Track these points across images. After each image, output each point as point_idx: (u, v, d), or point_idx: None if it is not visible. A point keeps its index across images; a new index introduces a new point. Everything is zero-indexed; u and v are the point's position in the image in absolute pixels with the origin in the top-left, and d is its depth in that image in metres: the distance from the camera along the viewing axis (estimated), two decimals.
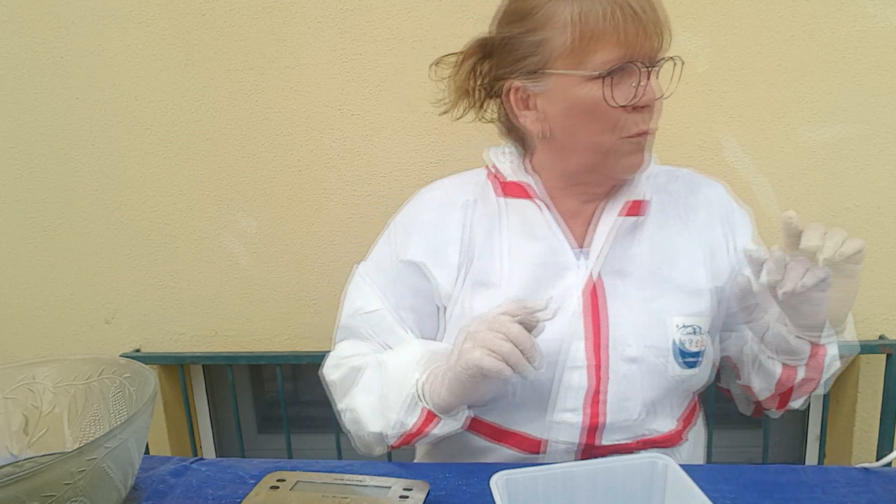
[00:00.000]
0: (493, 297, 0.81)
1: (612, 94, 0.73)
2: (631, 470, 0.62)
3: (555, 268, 0.82)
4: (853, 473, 0.72)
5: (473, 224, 0.85)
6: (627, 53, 0.72)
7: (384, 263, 0.90)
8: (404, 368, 0.80)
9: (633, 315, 0.81)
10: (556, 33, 0.73)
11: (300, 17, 1.48)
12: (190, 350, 1.70)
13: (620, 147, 0.77)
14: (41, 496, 0.55)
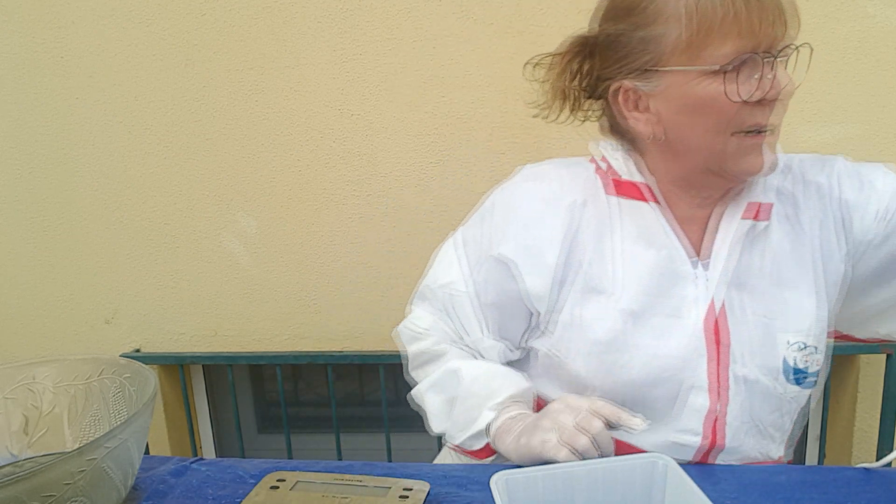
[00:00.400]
0: (605, 305, 0.76)
1: (734, 88, 0.67)
2: (631, 470, 0.61)
3: (672, 277, 0.76)
4: (853, 473, 0.72)
5: (581, 226, 0.78)
6: (749, 44, 0.66)
7: (474, 243, 0.84)
8: (480, 399, 0.78)
9: (750, 332, 0.76)
10: (669, 27, 0.68)
11: (300, 17, 1.48)
12: (190, 350, 1.70)
13: (741, 146, 0.71)
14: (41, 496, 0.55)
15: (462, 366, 0.82)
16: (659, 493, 0.61)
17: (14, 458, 0.75)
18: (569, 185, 0.80)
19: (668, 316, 0.76)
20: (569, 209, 0.78)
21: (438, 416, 0.84)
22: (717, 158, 0.72)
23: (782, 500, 0.67)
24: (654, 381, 0.75)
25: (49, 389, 0.77)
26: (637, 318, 0.75)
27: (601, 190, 0.80)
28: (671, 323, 0.75)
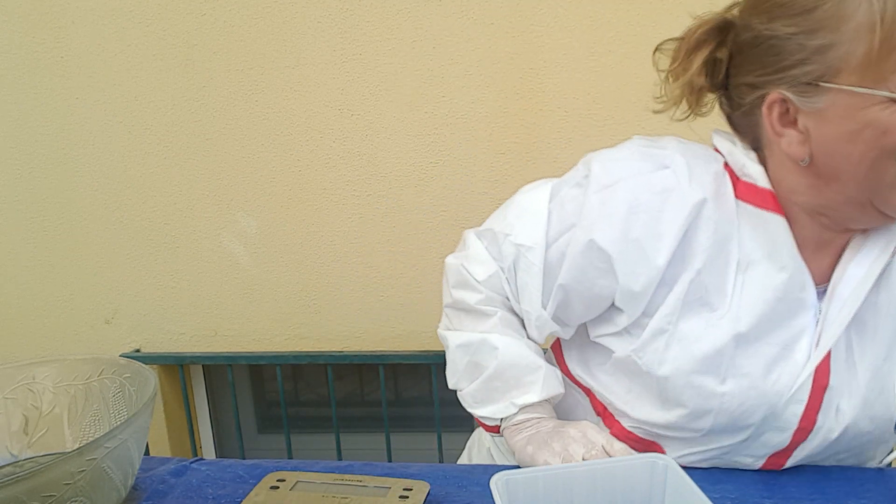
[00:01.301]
0: (713, 327, 0.67)
1: None
2: (631, 470, 0.61)
3: (792, 305, 0.66)
4: (853, 473, 0.72)
5: (701, 227, 0.67)
6: None
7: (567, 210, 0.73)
8: (508, 387, 0.78)
9: (860, 377, 0.67)
10: (848, 38, 0.56)
11: (300, 17, 1.48)
12: (190, 350, 1.70)
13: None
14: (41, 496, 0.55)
15: (503, 344, 0.77)
16: (659, 493, 0.61)
17: (14, 458, 0.75)
18: (698, 180, 0.67)
19: (780, 347, 0.67)
20: (696, 207, 0.66)
21: (459, 374, 0.82)
22: (877, 196, 0.61)
23: (782, 500, 0.67)
24: (745, 413, 0.67)
25: (49, 389, 0.77)
26: (748, 344, 0.67)
27: (729, 189, 0.68)
28: (781, 355, 0.67)
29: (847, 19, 0.56)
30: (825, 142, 0.61)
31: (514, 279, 0.77)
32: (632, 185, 0.68)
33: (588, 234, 0.69)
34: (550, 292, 0.74)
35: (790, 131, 0.63)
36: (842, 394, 0.67)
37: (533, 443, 0.72)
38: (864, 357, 0.67)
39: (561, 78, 1.43)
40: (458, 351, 0.82)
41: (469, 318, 0.82)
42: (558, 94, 1.44)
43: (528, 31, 1.42)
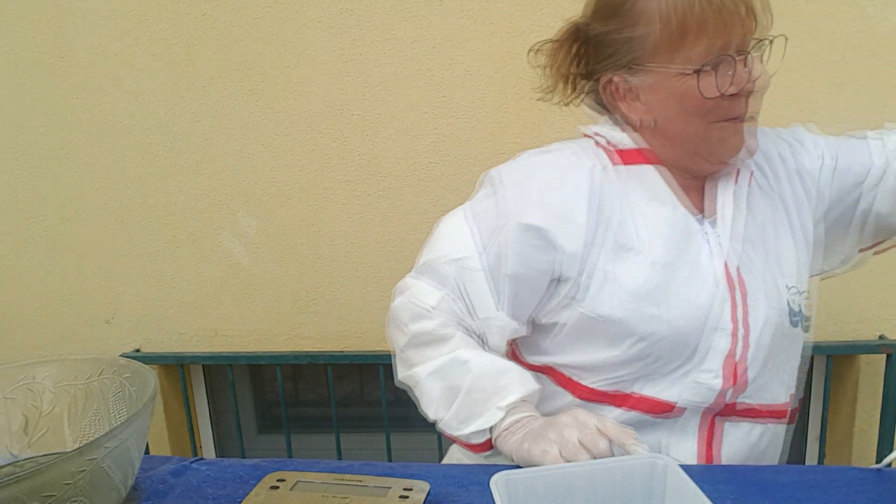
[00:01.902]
0: (637, 264, 0.80)
1: (706, 85, 0.74)
2: (631, 470, 0.61)
3: (686, 232, 0.82)
4: (853, 473, 0.72)
5: (603, 187, 0.82)
6: (720, 43, 0.73)
7: (487, 216, 0.84)
8: (488, 395, 0.78)
9: (759, 279, 0.82)
10: (648, 29, 0.75)
11: (300, 17, 1.48)
12: (190, 350, 1.70)
13: (720, 133, 0.78)
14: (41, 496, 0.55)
15: (471, 357, 0.80)
16: (659, 493, 0.61)
17: (14, 458, 0.75)
18: (580, 155, 0.85)
19: (691, 266, 0.81)
20: (589, 172, 0.82)
21: (436, 403, 0.81)
22: (700, 144, 0.80)
23: (782, 500, 0.67)
24: (689, 326, 0.79)
25: (49, 389, 0.77)
26: (669, 269, 0.80)
27: (607, 160, 0.84)
28: (695, 272, 0.81)
29: (642, 16, 0.75)
30: (657, 108, 0.80)
31: (464, 294, 0.84)
32: (538, 172, 0.84)
33: (517, 220, 0.81)
34: (502, 290, 0.83)
35: (633, 103, 0.81)
36: (756, 294, 0.81)
37: (528, 439, 0.73)
38: (758, 263, 0.83)
39: None
40: (429, 380, 0.82)
41: (430, 348, 0.83)
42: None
43: (528, 31, 1.42)
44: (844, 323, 1.46)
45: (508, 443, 0.76)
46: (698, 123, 0.78)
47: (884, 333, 1.45)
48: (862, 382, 1.50)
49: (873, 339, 1.45)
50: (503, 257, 0.82)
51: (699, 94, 0.75)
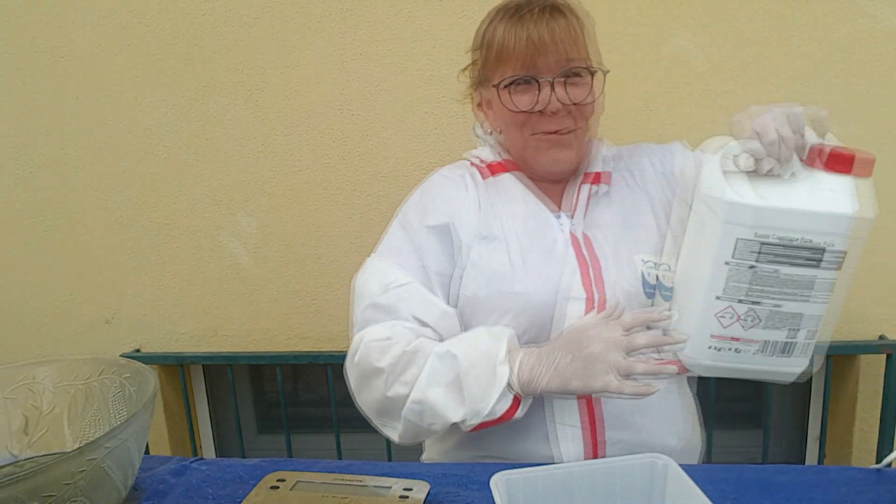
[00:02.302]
0: (496, 250, 0.94)
1: (512, 101, 0.91)
2: (631, 470, 0.62)
3: (542, 224, 0.96)
4: (853, 473, 0.72)
5: (479, 195, 0.99)
6: (521, 69, 0.90)
7: (399, 245, 0.97)
8: (486, 360, 0.82)
9: (611, 254, 0.94)
10: (485, 52, 0.95)
11: (300, 17, 1.48)
12: (190, 350, 1.70)
13: (531, 143, 0.94)
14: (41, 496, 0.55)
15: (448, 346, 0.85)
16: (659, 493, 0.61)
17: (14, 458, 0.75)
18: (459, 172, 1.03)
19: (545, 250, 0.94)
20: (468, 183, 1.01)
21: (450, 404, 0.82)
22: (526, 152, 0.96)
23: (782, 500, 0.67)
24: (543, 298, 0.90)
25: (49, 389, 0.77)
26: (524, 253, 0.93)
27: (479, 178, 1.01)
28: (548, 254, 0.93)
29: (483, 40, 0.95)
30: (495, 120, 0.99)
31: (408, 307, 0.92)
32: (434, 189, 1.01)
33: (424, 225, 0.96)
34: (436, 285, 0.94)
35: (489, 114, 1.00)
36: (608, 266, 0.93)
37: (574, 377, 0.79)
38: (609, 242, 0.95)
39: None
40: (431, 389, 0.83)
41: (411, 366, 0.85)
42: None
43: None
44: (844, 323, 1.46)
45: (544, 386, 0.80)
46: (518, 134, 0.95)
47: (884, 333, 1.45)
48: (862, 382, 1.49)
49: (873, 339, 1.45)
50: (425, 261, 0.94)
51: (507, 109, 0.92)
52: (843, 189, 0.79)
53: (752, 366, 0.79)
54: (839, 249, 0.75)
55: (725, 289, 0.77)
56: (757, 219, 0.75)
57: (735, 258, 0.76)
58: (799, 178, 0.78)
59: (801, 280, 0.76)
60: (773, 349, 0.78)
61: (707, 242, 0.77)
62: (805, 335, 0.78)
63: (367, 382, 0.89)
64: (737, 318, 0.78)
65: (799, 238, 0.75)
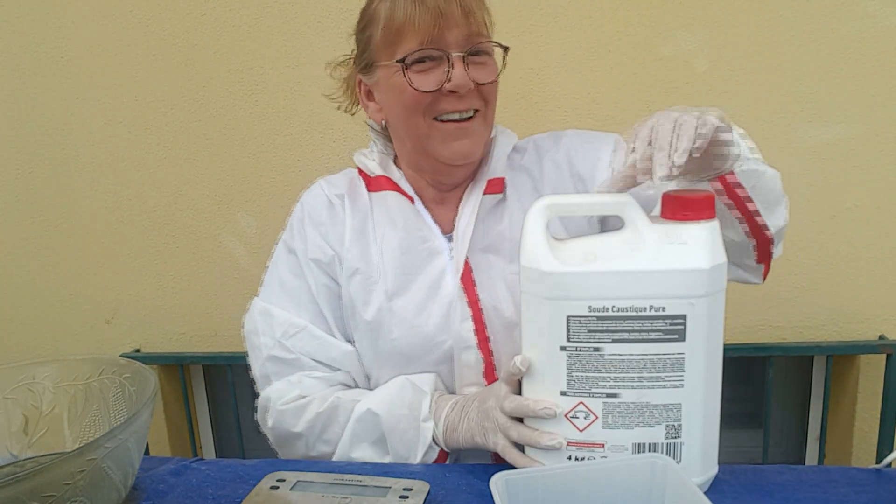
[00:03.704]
0: (371, 293, 0.86)
1: (416, 80, 0.78)
2: (631, 470, 0.62)
3: (424, 254, 0.86)
4: (853, 473, 0.72)
5: (346, 219, 0.89)
6: (428, 42, 0.77)
7: (285, 278, 0.90)
8: (409, 416, 0.79)
9: (504, 285, 0.84)
10: (375, 29, 0.82)
11: (300, 17, 1.48)
12: (190, 350, 1.70)
13: (435, 132, 0.81)
14: (41, 496, 0.55)
15: (368, 404, 0.81)
16: (659, 493, 0.61)
17: (14, 458, 0.75)
18: (334, 185, 0.93)
19: (427, 289, 0.85)
20: (338, 209, 0.91)
21: (375, 455, 0.81)
22: (426, 142, 0.82)
23: (782, 500, 0.67)
24: (422, 351, 0.83)
25: (49, 389, 0.77)
26: (397, 296, 0.85)
27: (362, 188, 0.92)
28: (430, 295, 0.84)
29: (374, 17, 0.82)
30: (385, 107, 0.85)
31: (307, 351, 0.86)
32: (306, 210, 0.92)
33: (307, 256, 0.89)
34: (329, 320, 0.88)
35: (372, 104, 0.88)
36: (494, 304, 0.83)
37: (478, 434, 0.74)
38: (498, 272, 0.85)
39: (561, 78, 1.43)
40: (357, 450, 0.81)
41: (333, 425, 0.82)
42: (558, 94, 1.43)
43: (528, 31, 1.42)
44: (844, 323, 1.46)
45: (458, 441, 0.77)
46: (418, 121, 0.81)
47: (884, 333, 1.45)
48: (862, 382, 1.49)
49: (873, 339, 1.45)
50: (315, 294, 0.87)
51: (409, 88, 0.78)
52: (697, 239, 0.62)
53: None
54: (702, 313, 0.61)
55: (570, 381, 0.64)
56: (586, 288, 0.62)
57: (571, 341, 0.63)
58: (644, 234, 0.63)
59: (666, 360, 0.62)
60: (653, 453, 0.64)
61: (537, 325, 0.65)
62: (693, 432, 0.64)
63: (286, 444, 0.87)
64: (594, 418, 0.65)
65: (648, 306, 0.61)
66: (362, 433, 0.81)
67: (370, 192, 0.91)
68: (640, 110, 1.42)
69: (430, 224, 0.88)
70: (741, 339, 1.48)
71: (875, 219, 1.39)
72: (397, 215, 0.88)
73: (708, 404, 0.64)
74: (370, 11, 0.83)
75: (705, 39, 1.37)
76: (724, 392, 0.67)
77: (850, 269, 1.43)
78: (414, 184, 0.90)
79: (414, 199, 0.88)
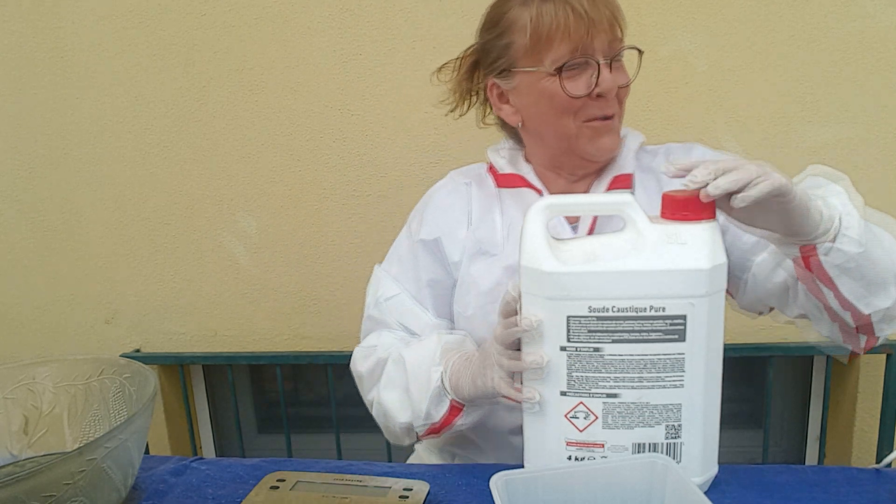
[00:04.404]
0: (491, 266, 0.89)
1: (568, 86, 0.81)
2: (631, 470, 0.62)
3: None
4: (853, 473, 0.72)
5: (472, 201, 0.94)
6: (578, 49, 0.80)
7: (402, 252, 0.97)
8: (425, 364, 0.83)
9: None
10: (517, 36, 0.83)
11: (300, 17, 1.48)
12: (190, 350, 1.70)
13: (584, 132, 0.84)
14: (41, 496, 0.55)
15: (403, 352, 0.86)
16: (659, 493, 0.61)
17: (14, 458, 0.75)
18: (462, 175, 0.98)
19: None
20: (466, 188, 0.95)
21: (400, 407, 0.85)
22: (569, 142, 0.86)
23: (782, 500, 0.67)
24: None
25: (49, 389, 0.77)
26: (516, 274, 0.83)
27: (490, 182, 0.95)
28: None
29: (515, 24, 0.83)
30: (526, 109, 0.87)
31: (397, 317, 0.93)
32: (432, 199, 0.96)
33: (418, 238, 0.93)
34: (425, 298, 0.93)
35: (506, 106, 0.90)
36: None
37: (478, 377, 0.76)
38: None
39: None
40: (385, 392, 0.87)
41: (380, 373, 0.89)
42: None
43: None
44: None
45: (464, 389, 0.77)
46: (568, 123, 0.84)
47: None
48: (862, 382, 1.49)
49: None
50: (419, 271, 0.93)
51: (560, 94, 0.81)
52: (697, 239, 0.62)
53: None
54: (702, 313, 0.61)
55: (570, 381, 0.64)
56: (586, 288, 0.62)
57: (571, 342, 0.64)
58: (644, 234, 0.63)
59: (666, 360, 0.62)
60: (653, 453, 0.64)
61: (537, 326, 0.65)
62: (693, 432, 0.64)
63: (359, 385, 0.96)
64: (594, 418, 0.65)
65: (648, 306, 0.62)
66: (394, 377, 0.86)
67: (498, 187, 0.94)
68: (640, 110, 1.42)
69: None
70: (741, 339, 1.48)
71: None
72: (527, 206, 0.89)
73: (708, 404, 0.64)
74: (508, 18, 0.84)
75: (705, 39, 1.38)
76: (724, 392, 0.66)
77: None
78: (542, 177, 0.92)
79: (543, 191, 0.91)
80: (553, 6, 0.79)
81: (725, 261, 0.63)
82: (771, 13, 1.35)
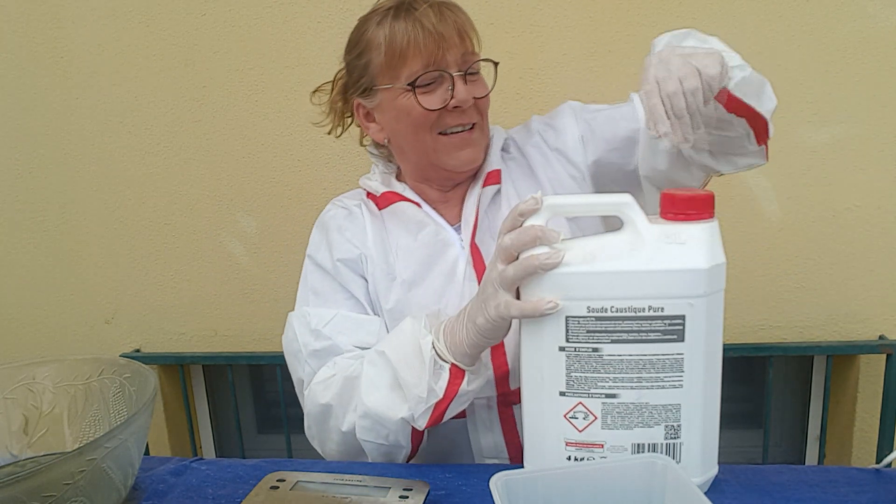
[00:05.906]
0: (392, 288, 0.91)
1: (423, 100, 0.84)
2: (630, 470, 0.61)
3: (438, 245, 0.91)
4: (853, 473, 0.72)
5: (365, 220, 0.95)
6: (432, 64, 0.83)
7: (317, 286, 0.94)
8: (411, 340, 0.78)
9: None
10: (374, 55, 0.86)
11: (300, 17, 1.48)
12: (190, 350, 1.70)
13: (443, 145, 0.87)
14: (41, 496, 0.55)
15: (378, 348, 0.81)
16: (659, 493, 0.61)
17: (14, 458, 0.75)
18: (349, 198, 1.00)
19: (445, 277, 0.90)
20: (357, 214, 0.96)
21: (393, 403, 0.78)
22: (428, 156, 0.89)
23: (782, 500, 0.67)
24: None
25: (49, 389, 0.77)
26: (415, 286, 0.90)
27: (373, 206, 0.96)
28: (447, 282, 0.89)
29: (371, 43, 0.86)
30: (388, 126, 0.91)
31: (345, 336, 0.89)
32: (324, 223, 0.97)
33: (334, 259, 0.92)
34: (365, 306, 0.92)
35: (372, 125, 0.93)
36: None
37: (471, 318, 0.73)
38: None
39: (561, 78, 1.43)
40: (372, 395, 0.79)
41: (357, 388, 0.80)
42: (558, 94, 1.43)
43: (528, 31, 1.42)
44: (844, 323, 1.46)
45: (462, 343, 0.74)
46: (425, 137, 0.87)
47: (884, 333, 1.45)
48: (862, 382, 1.50)
49: (873, 339, 1.45)
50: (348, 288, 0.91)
51: (416, 108, 0.84)
52: (695, 239, 0.62)
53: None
54: (701, 313, 0.61)
55: (569, 381, 0.64)
56: (584, 288, 0.62)
57: (570, 342, 0.64)
58: (642, 234, 0.63)
59: (665, 360, 0.62)
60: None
61: (535, 326, 0.65)
62: (692, 432, 0.64)
63: (323, 429, 0.85)
64: (593, 418, 0.65)
65: (646, 306, 0.62)
66: (375, 378, 0.79)
67: (380, 209, 0.96)
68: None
69: (438, 220, 0.93)
70: (741, 339, 1.48)
71: (875, 219, 1.39)
72: (408, 220, 0.93)
73: (707, 404, 0.64)
74: (365, 38, 0.87)
75: None
76: (724, 392, 0.66)
77: (850, 269, 1.43)
78: (418, 191, 0.96)
79: (420, 203, 0.94)
80: (405, 24, 0.83)
81: (724, 260, 0.63)
82: (771, 13, 1.35)
